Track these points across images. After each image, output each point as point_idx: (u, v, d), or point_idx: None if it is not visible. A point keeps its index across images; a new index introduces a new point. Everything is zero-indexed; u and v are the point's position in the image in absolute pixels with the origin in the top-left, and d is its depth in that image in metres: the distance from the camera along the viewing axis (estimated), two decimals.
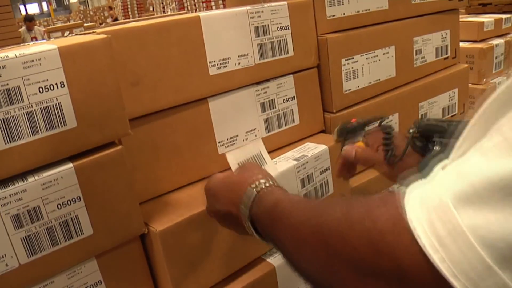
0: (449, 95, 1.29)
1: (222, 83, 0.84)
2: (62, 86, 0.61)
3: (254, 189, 0.58)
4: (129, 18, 9.16)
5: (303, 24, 0.97)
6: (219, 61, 0.83)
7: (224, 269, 0.81)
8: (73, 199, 0.63)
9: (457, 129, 0.56)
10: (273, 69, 0.92)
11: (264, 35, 0.89)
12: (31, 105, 0.59)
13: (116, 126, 0.66)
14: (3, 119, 0.57)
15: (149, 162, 0.78)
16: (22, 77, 0.58)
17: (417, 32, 1.21)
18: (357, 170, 0.78)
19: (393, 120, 1.16)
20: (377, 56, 1.12)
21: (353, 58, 1.06)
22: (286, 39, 0.93)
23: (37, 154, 0.60)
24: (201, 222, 0.75)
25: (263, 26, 0.89)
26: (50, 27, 6.72)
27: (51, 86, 0.60)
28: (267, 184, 0.58)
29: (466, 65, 1.34)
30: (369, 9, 1.08)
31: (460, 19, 1.37)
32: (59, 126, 0.61)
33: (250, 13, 0.87)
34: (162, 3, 8.02)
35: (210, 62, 0.82)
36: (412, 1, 1.18)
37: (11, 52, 0.57)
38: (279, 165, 0.87)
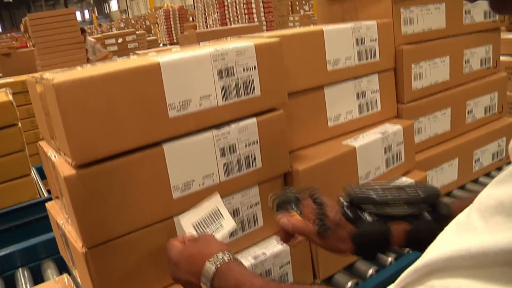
0: (490, 97, 1.63)
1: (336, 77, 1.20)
2: (255, 69, 0.97)
3: (213, 265, 0.68)
4: (171, 28, 9.64)
5: (386, 37, 1.32)
6: (333, 60, 1.19)
7: None
8: (254, 142, 0.99)
9: (386, 199, 0.67)
10: (366, 70, 1.28)
11: (361, 44, 1.25)
12: (238, 79, 0.95)
13: (281, 97, 1.02)
14: (223, 86, 0.93)
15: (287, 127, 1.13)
16: (235, 60, 0.94)
17: (467, 46, 1.55)
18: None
19: (446, 113, 1.50)
20: (436, 63, 1.46)
21: (419, 64, 1.40)
22: (375, 48, 1.29)
23: (238, 110, 0.96)
24: (323, 169, 1.10)
25: (361, 38, 1.24)
26: (105, 34, 7.17)
27: (249, 68, 0.96)
28: (226, 259, 0.69)
29: (505, 73, 1.67)
30: (431, 28, 1.43)
31: (502, 36, 1.70)
32: (251, 93, 0.97)
33: (353, 29, 1.22)
34: (204, 14, 8.47)
35: (329, 60, 1.18)
36: (464, 22, 1.53)
37: (230, 45, 0.94)
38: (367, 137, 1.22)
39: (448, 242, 0.38)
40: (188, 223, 0.83)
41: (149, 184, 0.87)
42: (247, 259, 1.00)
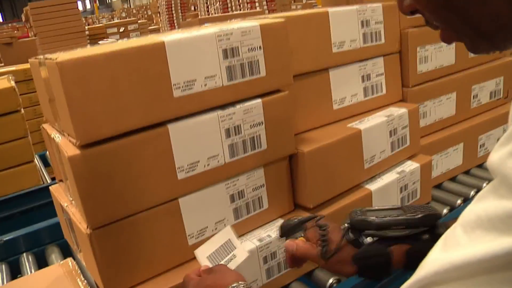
0: (496, 82, 1.61)
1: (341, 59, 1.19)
2: (260, 49, 0.96)
3: None
4: (172, 17, 9.60)
5: (392, 20, 1.30)
6: (339, 42, 1.18)
7: (346, 183, 1.14)
8: (259, 123, 0.98)
9: (386, 222, 0.71)
10: (371, 53, 1.26)
11: (367, 27, 1.23)
12: (243, 59, 0.94)
13: (286, 78, 1.01)
14: (227, 66, 0.92)
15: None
16: (240, 41, 0.93)
17: None
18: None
19: (451, 98, 1.49)
20: (442, 47, 1.44)
21: (425, 47, 1.39)
22: (381, 31, 1.27)
23: (243, 91, 0.95)
24: (328, 151, 1.09)
25: (366, 20, 1.23)
26: (107, 23, 7.14)
27: (254, 48, 0.95)
28: None
29: (511, 58, 1.65)
30: None
31: None
32: (256, 74, 0.96)
33: (358, 11, 1.21)
34: (206, 3, 8.42)
35: (334, 42, 1.17)
36: None
37: (234, 25, 0.93)
38: (373, 120, 1.21)
39: (435, 258, 0.41)
40: (203, 256, 0.85)
41: (154, 165, 0.86)
42: (252, 241, 0.99)
